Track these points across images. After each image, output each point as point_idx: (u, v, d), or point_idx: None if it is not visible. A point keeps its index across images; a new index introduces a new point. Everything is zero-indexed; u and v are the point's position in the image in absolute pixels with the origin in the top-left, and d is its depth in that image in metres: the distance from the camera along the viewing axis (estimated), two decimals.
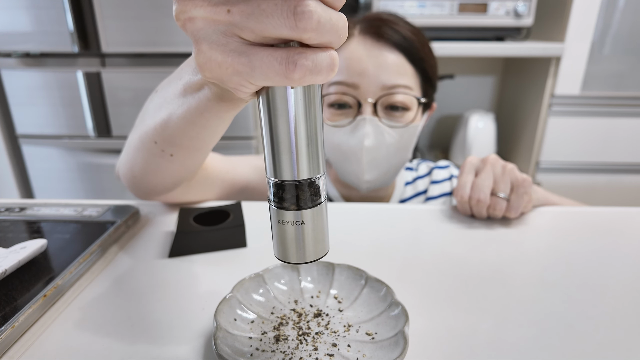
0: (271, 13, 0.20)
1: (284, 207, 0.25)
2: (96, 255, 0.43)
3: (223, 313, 0.33)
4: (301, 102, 0.23)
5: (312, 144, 0.24)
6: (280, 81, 0.21)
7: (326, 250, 0.27)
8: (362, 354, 0.31)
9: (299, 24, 0.20)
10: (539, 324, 0.35)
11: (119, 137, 1.42)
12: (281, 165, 0.24)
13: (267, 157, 0.25)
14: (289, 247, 0.26)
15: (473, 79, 1.78)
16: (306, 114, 0.23)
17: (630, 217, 0.56)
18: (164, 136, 0.41)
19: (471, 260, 0.45)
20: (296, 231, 0.26)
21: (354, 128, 0.62)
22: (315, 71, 0.21)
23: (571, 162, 1.43)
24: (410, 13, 1.30)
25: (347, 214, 0.56)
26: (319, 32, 0.20)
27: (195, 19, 0.22)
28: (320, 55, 0.21)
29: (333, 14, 0.21)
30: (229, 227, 0.46)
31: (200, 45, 0.23)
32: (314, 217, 0.26)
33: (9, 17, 1.28)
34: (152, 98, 0.44)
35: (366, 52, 0.61)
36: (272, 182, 0.25)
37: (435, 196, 0.75)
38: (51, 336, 0.34)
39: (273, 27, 0.20)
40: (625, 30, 1.28)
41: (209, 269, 0.43)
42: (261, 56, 0.21)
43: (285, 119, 0.23)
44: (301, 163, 0.24)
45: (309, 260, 0.26)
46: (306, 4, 0.20)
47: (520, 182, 0.51)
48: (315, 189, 0.25)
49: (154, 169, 0.47)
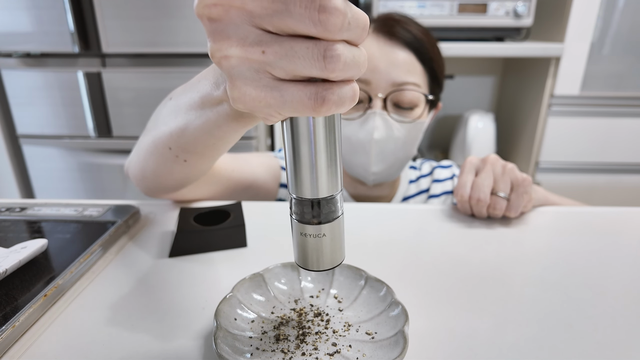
0: (303, 56, 0.21)
1: (305, 221, 0.27)
2: (96, 255, 0.43)
3: (223, 313, 0.33)
4: (322, 128, 0.24)
5: (332, 165, 0.25)
6: (308, 113, 0.23)
7: (342, 258, 0.29)
8: (362, 353, 0.31)
9: (328, 66, 0.21)
10: (539, 324, 0.35)
11: (119, 137, 1.42)
12: (303, 183, 0.26)
13: (290, 176, 0.26)
14: (309, 256, 0.28)
15: (473, 79, 1.78)
16: (327, 138, 0.25)
17: (630, 217, 0.56)
18: (179, 143, 0.43)
19: (471, 260, 0.45)
20: (316, 243, 0.28)
21: (364, 121, 0.64)
22: (339, 103, 0.23)
23: (571, 162, 1.43)
24: (410, 13, 1.29)
25: (347, 214, 0.56)
26: (345, 71, 0.22)
27: (230, 57, 0.23)
28: (344, 89, 0.23)
29: (356, 51, 0.22)
30: (229, 227, 0.47)
31: (234, 81, 0.24)
32: (333, 230, 0.28)
33: (10, 17, 1.28)
34: (165, 104, 0.45)
35: (379, 50, 0.63)
36: (294, 199, 0.27)
37: (437, 194, 0.76)
38: (52, 336, 0.34)
39: (304, 67, 0.22)
40: (625, 31, 1.28)
41: (209, 269, 0.43)
42: (292, 91, 0.22)
43: (307, 143, 0.25)
44: (321, 182, 0.26)
45: (327, 268, 0.28)
46: (335, 49, 0.21)
47: (520, 182, 0.52)
48: (334, 205, 0.27)
49: (166, 171, 0.48)
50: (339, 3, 0.20)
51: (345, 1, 0.21)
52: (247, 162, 0.67)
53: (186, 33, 1.29)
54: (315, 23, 0.20)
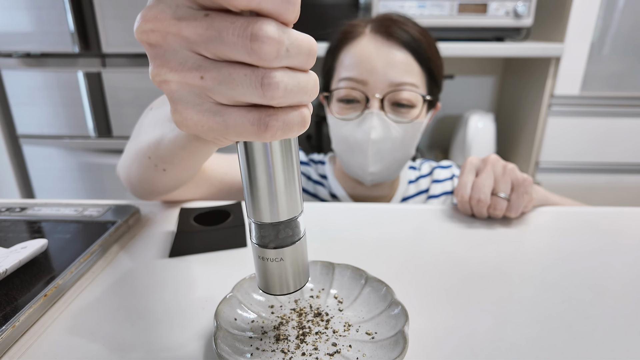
0: (241, 82, 0.21)
1: (264, 244, 0.26)
2: (97, 255, 0.43)
3: (223, 313, 0.33)
4: (278, 152, 0.24)
5: (290, 187, 0.25)
6: (254, 138, 0.22)
7: (306, 280, 0.29)
8: (362, 353, 0.31)
9: (267, 94, 0.21)
10: (539, 324, 0.35)
11: (119, 137, 1.42)
12: (260, 208, 0.25)
13: (247, 199, 0.25)
14: (270, 280, 0.28)
15: (473, 79, 1.78)
16: (283, 161, 0.24)
17: (630, 217, 0.56)
18: (157, 154, 0.44)
19: (471, 260, 0.45)
20: (277, 267, 0.27)
21: (362, 121, 0.64)
22: (285, 129, 0.22)
23: (571, 162, 1.43)
24: (410, 13, 1.30)
25: (347, 214, 0.56)
26: (287, 98, 0.21)
27: (169, 82, 0.22)
28: (290, 115, 0.22)
29: (301, 77, 0.22)
30: (229, 227, 0.47)
31: (176, 106, 0.23)
32: (294, 253, 0.27)
33: (10, 17, 1.28)
34: (146, 113, 0.47)
35: (376, 50, 0.63)
36: (253, 223, 0.26)
37: (437, 195, 0.76)
38: (52, 336, 0.34)
39: (243, 94, 0.21)
40: (625, 31, 1.28)
41: (209, 269, 0.43)
42: (234, 117, 0.22)
43: (263, 167, 0.24)
44: (280, 206, 0.25)
45: (290, 291, 0.28)
46: (272, 76, 0.20)
47: (521, 182, 0.52)
48: (293, 228, 0.26)
49: (148, 178, 0.49)
50: (272, 31, 0.20)
51: (282, 28, 0.20)
52: None
53: None
54: (249, 52, 0.20)
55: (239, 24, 0.20)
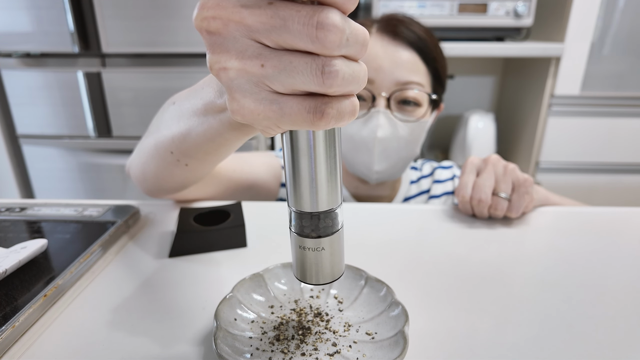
0: (301, 70, 0.21)
1: (304, 234, 0.27)
2: (96, 255, 0.43)
3: (223, 313, 0.33)
4: (322, 142, 0.24)
5: (332, 178, 0.25)
6: (307, 127, 0.23)
7: (342, 272, 0.29)
8: (362, 353, 0.31)
9: (326, 82, 0.21)
10: (539, 324, 0.35)
11: (119, 137, 1.42)
12: (302, 197, 0.25)
13: (289, 189, 0.26)
14: (308, 270, 0.28)
15: (473, 79, 1.78)
16: (327, 152, 0.24)
17: (630, 217, 0.56)
18: (181, 148, 0.43)
19: (472, 260, 0.45)
20: (315, 256, 0.27)
21: (368, 120, 0.64)
22: (339, 117, 0.23)
23: (571, 162, 1.43)
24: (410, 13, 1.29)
25: (347, 214, 0.56)
26: (343, 87, 0.22)
27: (228, 69, 0.23)
28: (344, 104, 0.23)
29: (355, 67, 0.22)
30: (229, 227, 0.46)
31: (233, 94, 0.24)
32: (332, 244, 0.27)
33: (9, 17, 1.28)
34: (167, 108, 0.45)
35: (382, 50, 0.64)
36: (294, 212, 0.26)
37: (438, 195, 0.76)
38: (51, 336, 0.34)
39: (302, 82, 0.21)
40: (625, 31, 1.28)
41: (209, 269, 0.43)
42: (291, 105, 0.22)
43: (307, 157, 0.24)
44: (321, 196, 0.25)
45: (327, 282, 0.28)
46: (333, 64, 0.21)
47: (522, 182, 0.52)
48: (333, 218, 0.27)
49: (167, 174, 0.48)
50: (337, 20, 0.20)
51: (344, 17, 0.21)
52: (248, 162, 0.67)
53: (186, 33, 1.29)
54: (313, 40, 0.20)
55: (304, 12, 0.20)
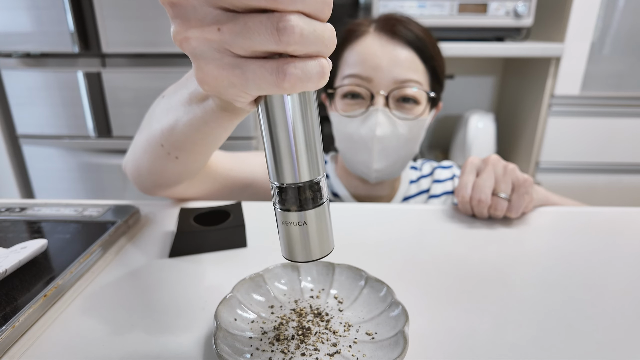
0: (257, 30, 0.21)
1: (287, 209, 0.26)
2: (96, 255, 0.43)
3: (223, 313, 0.33)
4: (297, 108, 0.24)
5: (311, 147, 0.25)
6: (273, 90, 0.23)
7: (331, 248, 0.28)
8: (362, 354, 0.31)
9: (282, 39, 0.21)
10: (539, 324, 0.35)
11: (119, 137, 1.42)
12: (282, 169, 0.25)
13: (269, 162, 0.26)
14: (294, 246, 0.27)
15: (473, 79, 1.78)
16: (303, 119, 0.24)
17: (630, 217, 0.56)
18: (170, 140, 0.44)
19: (472, 260, 0.45)
20: (300, 231, 0.27)
21: (366, 118, 0.64)
22: (305, 79, 0.22)
23: (571, 162, 1.43)
24: (410, 13, 1.29)
25: (347, 214, 0.56)
26: (304, 44, 0.22)
27: (190, 38, 0.23)
28: (309, 64, 0.22)
29: (317, 25, 0.22)
30: (229, 227, 0.46)
31: (197, 62, 0.24)
32: (317, 217, 0.27)
33: (9, 17, 1.28)
34: (158, 102, 0.47)
35: (380, 48, 0.64)
36: (275, 186, 0.26)
37: (438, 194, 0.76)
38: (51, 336, 0.34)
39: (260, 42, 0.21)
40: (625, 31, 1.28)
41: (209, 269, 0.43)
42: (253, 68, 0.22)
43: (283, 125, 0.24)
44: (301, 166, 0.25)
45: (314, 258, 0.27)
46: (287, 19, 0.21)
47: (522, 183, 0.52)
48: (316, 190, 0.26)
49: (160, 169, 0.49)
50: None
51: None
52: (245, 161, 0.67)
53: None
54: None
55: None
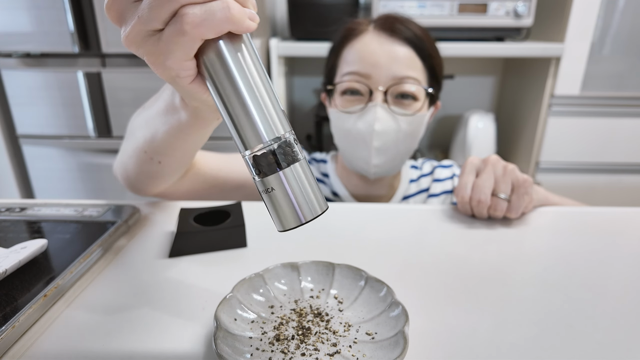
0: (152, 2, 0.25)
1: (264, 174, 0.25)
2: (96, 255, 0.43)
3: (223, 313, 0.33)
4: (238, 66, 0.24)
5: (266, 104, 0.25)
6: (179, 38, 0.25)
7: (324, 208, 0.26)
8: (362, 354, 0.31)
9: None
10: (539, 324, 0.35)
11: (119, 137, 1.42)
12: (245, 133, 0.25)
13: (233, 134, 0.26)
14: (282, 214, 0.26)
15: (473, 79, 1.78)
16: (247, 76, 0.25)
17: (630, 217, 0.56)
18: (152, 147, 0.48)
19: (471, 260, 0.45)
20: (284, 194, 0.25)
21: (365, 113, 0.65)
22: (207, 18, 0.24)
23: (571, 162, 1.43)
24: (410, 13, 1.30)
25: (347, 214, 0.56)
26: None
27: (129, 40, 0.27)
28: (212, 4, 0.24)
29: None
30: (229, 227, 0.46)
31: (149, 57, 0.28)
32: (295, 175, 0.25)
33: (9, 17, 1.28)
34: (139, 112, 0.51)
35: (379, 46, 0.65)
36: (247, 157, 0.26)
37: (437, 194, 0.76)
38: (51, 336, 0.34)
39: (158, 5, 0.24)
40: (625, 31, 1.28)
41: (209, 269, 0.43)
42: (166, 32, 0.25)
43: (230, 87, 0.24)
44: (262, 124, 0.25)
45: (307, 220, 0.26)
46: None
47: (521, 183, 0.52)
48: (285, 148, 0.25)
49: (145, 172, 0.52)
50: None
51: None
52: (237, 162, 0.68)
53: None
54: None
55: None
